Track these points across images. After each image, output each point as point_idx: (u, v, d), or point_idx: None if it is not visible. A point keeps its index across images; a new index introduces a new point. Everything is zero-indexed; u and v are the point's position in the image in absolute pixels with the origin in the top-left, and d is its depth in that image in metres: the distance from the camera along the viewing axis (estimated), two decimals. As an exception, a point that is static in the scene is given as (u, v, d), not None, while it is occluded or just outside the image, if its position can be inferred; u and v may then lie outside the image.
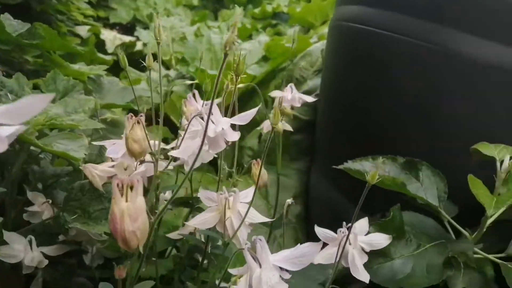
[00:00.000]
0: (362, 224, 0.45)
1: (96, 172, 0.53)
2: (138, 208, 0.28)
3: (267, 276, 0.31)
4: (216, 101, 0.54)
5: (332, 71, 0.77)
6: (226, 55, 0.26)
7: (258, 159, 0.44)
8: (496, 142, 0.53)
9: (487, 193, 0.44)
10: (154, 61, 0.46)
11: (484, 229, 0.49)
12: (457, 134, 0.58)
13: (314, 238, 0.54)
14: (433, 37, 0.56)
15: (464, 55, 0.56)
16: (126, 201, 0.28)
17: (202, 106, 0.51)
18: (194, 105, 0.53)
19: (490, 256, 0.49)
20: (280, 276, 0.33)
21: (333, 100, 0.77)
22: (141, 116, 0.37)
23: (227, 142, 0.38)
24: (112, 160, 0.53)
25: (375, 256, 0.46)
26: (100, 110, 0.86)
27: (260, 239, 0.33)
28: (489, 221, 0.48)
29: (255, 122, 1.34)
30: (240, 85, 0.58)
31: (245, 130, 1.39)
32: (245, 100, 1.33)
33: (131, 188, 0.28)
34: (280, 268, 0.33)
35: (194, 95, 0.55)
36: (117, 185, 0.28)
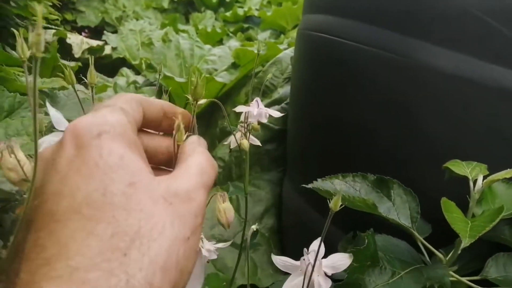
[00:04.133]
0: (318, 246, 0.41)
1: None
2: None
3: None
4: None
5: (300, 81, 0.74)
6: (36, 58, 0.22)
7: (225, 192, 0.40)
8: (470, 158, 0.51)
9: (461, 218, 0.42)
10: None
11: (459, 251, 0.47)
12: (429, 150, 0.56)
13: (289, 252, 0.51)
14: (397, 48, 0.54)
15: (431, 67, 0.54)
16: None
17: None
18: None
19: (465, 280, 0.47)
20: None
21: (301, 111, 0.75)
22: (12, 141, 0.33)
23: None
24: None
25: (350, 287, 0.43)
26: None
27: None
28: (463, 245, 0.46)
29: (226, 131, 1.29)
30: (202, 101, 0.54)
31: (216, 139, 1.35)
32: (214, 107, 1.29)
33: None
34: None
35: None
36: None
